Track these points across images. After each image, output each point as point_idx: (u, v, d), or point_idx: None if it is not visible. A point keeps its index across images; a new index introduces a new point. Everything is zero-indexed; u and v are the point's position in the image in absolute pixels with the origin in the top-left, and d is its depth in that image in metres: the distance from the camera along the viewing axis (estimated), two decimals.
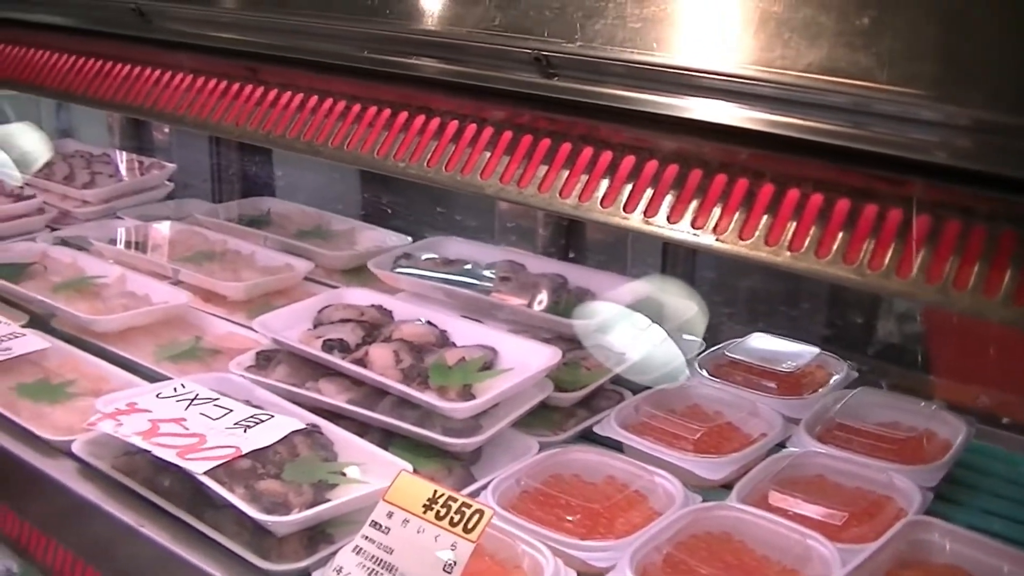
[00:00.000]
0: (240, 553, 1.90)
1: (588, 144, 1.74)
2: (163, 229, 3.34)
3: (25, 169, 3.87)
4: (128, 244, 3.26)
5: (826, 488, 2.14)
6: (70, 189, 3.70)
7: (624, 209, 1.68)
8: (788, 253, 1.53)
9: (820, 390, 2.50)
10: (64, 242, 3.34)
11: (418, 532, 1.79)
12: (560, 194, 1.74)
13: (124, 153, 4.05)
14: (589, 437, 2.34)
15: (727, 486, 2.15)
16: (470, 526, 1.76)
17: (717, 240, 1.58)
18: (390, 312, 2.59)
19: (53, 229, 3.55)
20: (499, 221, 3.20)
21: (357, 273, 3.05)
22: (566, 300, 2.70)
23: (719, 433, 2.32)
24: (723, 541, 1.99)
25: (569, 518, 2.03)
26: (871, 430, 2.31)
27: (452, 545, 1.75)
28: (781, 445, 2.30)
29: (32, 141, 4.12)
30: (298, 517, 1.93)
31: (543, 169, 1.77)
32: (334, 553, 1.88)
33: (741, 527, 2.01)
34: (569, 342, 2.54)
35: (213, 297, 2.93)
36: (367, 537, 1.83)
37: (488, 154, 1.84)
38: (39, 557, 2.26)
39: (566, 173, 1.75)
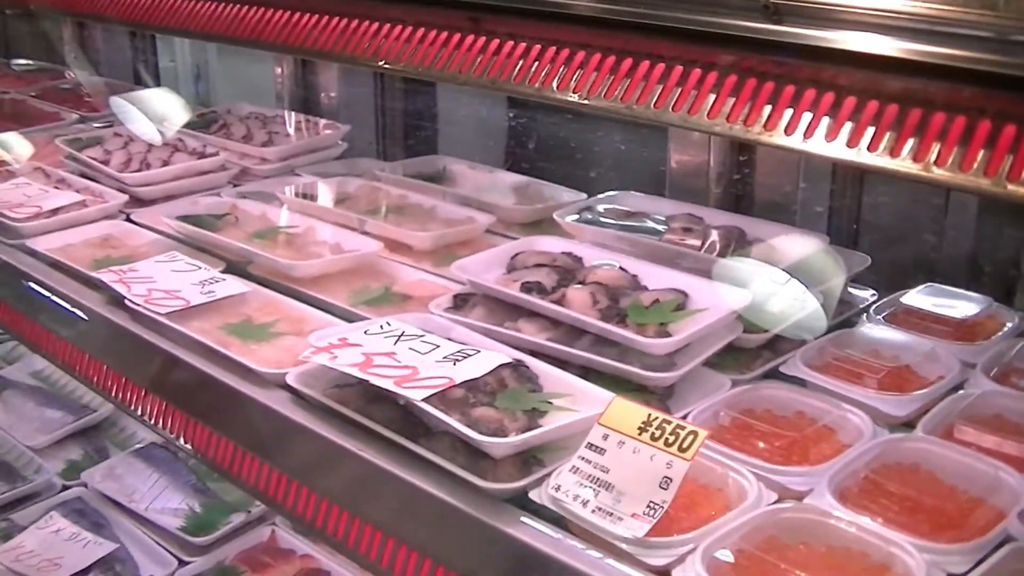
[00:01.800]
0: (460, 474, 1.99)
1: (811, 86, 1.81)
2: (345, 184, 3.46)
3: (200, 129, 4.01)
4: (312, 198, 3.38)
5: (1007, 426, 2.19)
6: (249, 148, 3.84)
7: (848, 144, 1.75)
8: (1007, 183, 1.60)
9: (993, 337, 2.53)
10: (246, 197, 3.46)
11: (634, 452, 1.88)
12: (785, 132, 1.82)
13: (296, 114, 4.18)
14: (775, 377, 2.39)
15: (909, 424, 2.21)
16: (685, 446, 1.85)
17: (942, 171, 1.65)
18: (580, 259, 2.67)
19: (235, 186, 3.68)
20: (670, 179, 3.26)
21: (536, 226, 3.13)
22: (744, 250, 2.77)
23: (899, 375, 2.36)
24: (912, 471, 2.05)
25: (764, 446, 2.10)
26: None
27: (668, 464, 1.84)
28: (958, 388, 2.33)
29: (197, 104, 4.27)
30: (516, 439, 2.02)
31: (768, 109, 1.85)
32: (547, 476, 1.98)
33: (930, 458, 2.07)
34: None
35: (398, 248, 3.03)
36: (583, 458, 1.92)
37: (714, 96, 1.92)
38: (251, 482, 2.37)
39: (790, 112, 1.83)
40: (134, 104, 4.24)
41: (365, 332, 2.35)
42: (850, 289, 2.76)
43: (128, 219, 3.44)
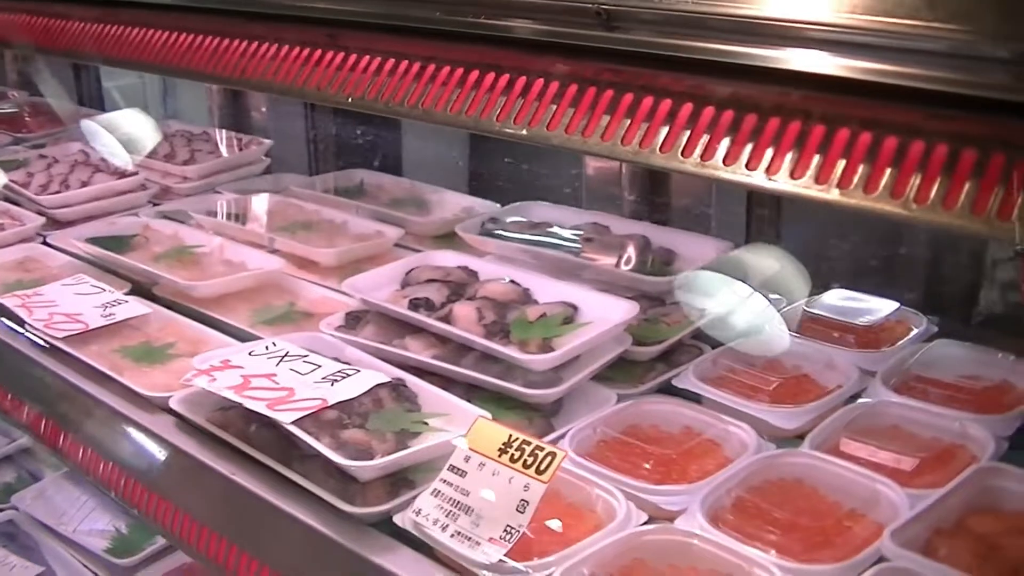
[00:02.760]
0: (326, 498, 1.97)
1: (648, 93, 1.79)
2: (259, 201, 3.45)
3: (130, 150, 3.99)
4: (226, 216, 3.37)
5: (900, 437, 2.16)
6: (170, 166, 3.83)
7: (682, 154, 1.73)
8: (837, 191, 1.58)
9: (898, 343, 2.49)
10: (165, 216, 3.45)
11: (493, 475, 1.86)
12: (622, 142, 1.80)
13: (223, 131, 4.16)
14: (668, 391, 2.37)
15: (802, 436, 2.17)
16: (543, 467, 1.83)
17: (769, 180, 1.63)
18: (475, 273, 2.66)
19: (155, 204, 3.66)
20: (586, 187, 3.24)
21: (447, 239, 3.11)
22: (650, 259, 2.75)
23: (796, 385, 2.34)
24: (794, 487, 2.03)
25: (644, 465, 2.08)
26: (948, 381, 2.31)
27: (525, 486, 1.82)
28: (856, 397, 2.31)
29: (137, 124, 4.24)
30: (379, 462, 2.00)
31: (606, 119, 1.83)
32: (415, 497, 1.95)
33: (812, 473, 2.04)
34: (652, 300, 2.59)
35: (307, 264, 3.02)
36: (445, 480, 1.90)
37: (554, 107, 1.90)
38: (142, 508, 2.35)
39: (627, 122, 1.81)
40: (73, 125, 4.21)
41: (249, 353, 2.33)
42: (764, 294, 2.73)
43: (44, 242, 3.41)
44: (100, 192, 3.62)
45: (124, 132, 4.12)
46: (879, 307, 2.63)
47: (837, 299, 2.69)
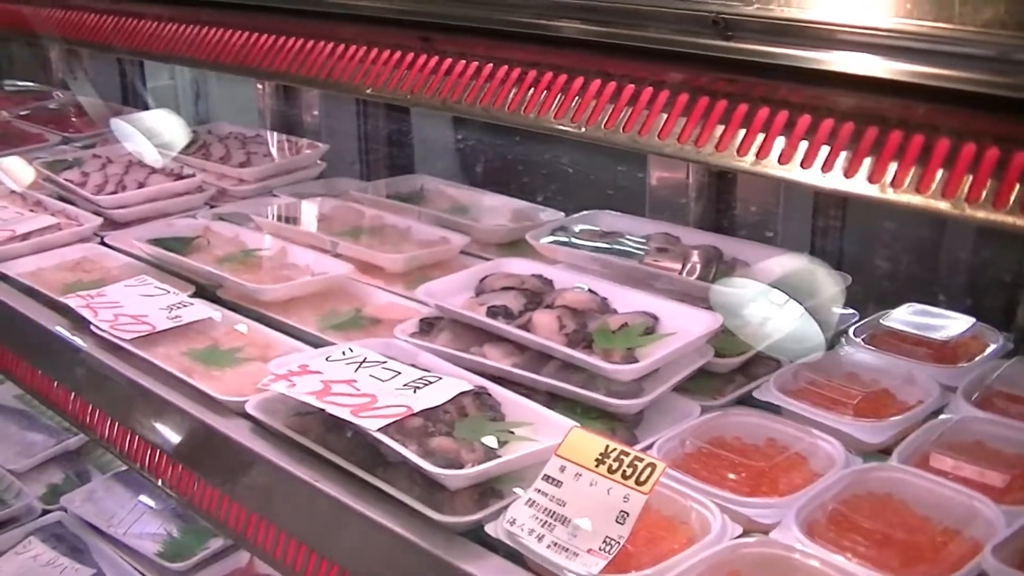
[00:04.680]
0: (416, 507, 1.94)
1: (764, 104, 1.76)
2: (319, 205, 3.42)
3: (184, 151, 3.97)
4: (286, 219, 3.34)
5: (986, 453, 2.12)
6: (227, 168, 3.80)
7: (801, 165, 1.70)
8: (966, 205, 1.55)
9: (976, 359, 2.46)
10: (222, 219, 3.42)
11: (591, 485, 1.83)
12: (737, 152, 1.77)
13: (277, 134, 4.14)
14: (747, 403, 2.34)
15: (885, 451, 2.15)
16: (643, 479, 1.80)
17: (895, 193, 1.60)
18: (550, 281, 2.62)
19: (211, 207, 3.64)
20: (650, 198, 3.21)
21: (511, 247, 3.09)
22: (722, 270, 2.72)
23: (876, 399, 2.31)
24: (885, 501, 2.00)
25: (732, 476, 2.05)
26: None
27: (625, 497, 1.79)
28: (938, 413, 2.27)
29: (182, 124, 4.23)
30: (472, 471, 1.97)
31: (720, 129, 1.80)
32: (504, 508, 1.92)
33: (903, 488, 2.01)
34: (726, 311, 2.56)
35: (371, 270, 2.99)
36: (540, 491, 1.87)
37: (665, 115, 1.87)
38: (213, 513, 2.32)
39: (743, 132, 1.78)
40: (119, 125, 4.18)
41: (327, 359, 2.30)
42: (830, 310, 2.69)
43: (102, 242, 3.39)
44: (158, 193, 3.59)
45: (177, 133, 4.10)
46: (954, 322, 2.60)
47: (911, 314, 2.66)
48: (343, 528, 2.04)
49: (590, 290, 2.55)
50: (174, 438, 2.44)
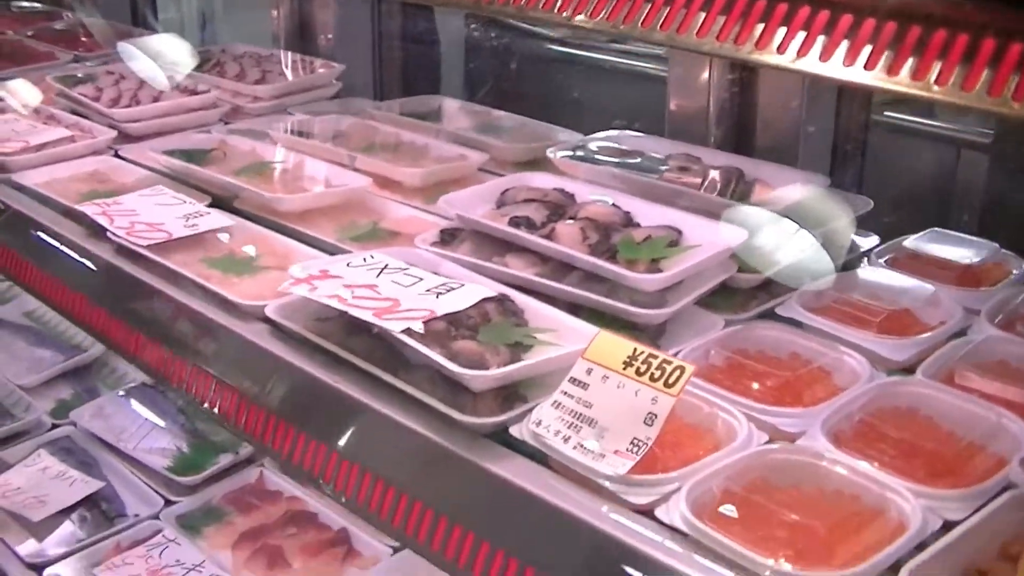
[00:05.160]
0: (438, 408, 1.93)
1: (806, 3, 1.73)
2: (336, 122, 3.40)
3: (198, 69, 3.94)
4: (303, 135, 3.30)
5: (1010, 372, 2.11)
6: (242, 85, 3.77)
7: (844, 63, 1.68)
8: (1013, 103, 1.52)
9: (999, 284, 2.45)
10: (238, 133, 3.39)
11: (618, 387, 1.82)
12: (778, 50, 1.74)
13: (291, 53, 4.10)
14: (770, 319, 2.32)
15: (908, 370, 2.13)
16: (671, 381, 1.78)
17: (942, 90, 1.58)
18: (572, 195, 2.60)
19: (225, 123, 3.61)
20: (669, 123, 3.18)
21: (529, 166, 3.05)
22: (743, 190, 2.69)
23: (899, 319, 2.29)
24: (910, 416, 1.98)
25: (756, 387, 2.03)
26: None
27: (653, 399, 1.78)
28: (960, 334, 2.26)
29: (197, 45, 4.20)
30: (497, 372, 1.96)
31: (760, 27, 1.77)
32: (528, 411, 1.91)
33: (928, 403, 1.99)
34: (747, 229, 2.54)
35: (388, 185, 2.96)
36: (566, 392, 1.86)
37: (704, 14, 1.84)
38: (231, 418, 2.30)
39: (783, 30, 1.75)
40: (131, 45, 4.14)
41: (347, 264, 2.28)
42: (852, 233, 2.68)
43: (116, 155, 3.37)
44: (172, 108, 3.57)
45: (190, 51, 4.07)
46: (977, 247, 2.58)
47: (933, 238, 2.64)
48: (366, 430, 2.03)
49: (613, 204, 2.52)
50: (192, 343, 2.42)
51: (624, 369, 1.82)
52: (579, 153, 2.92)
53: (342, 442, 2.07)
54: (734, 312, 2.33)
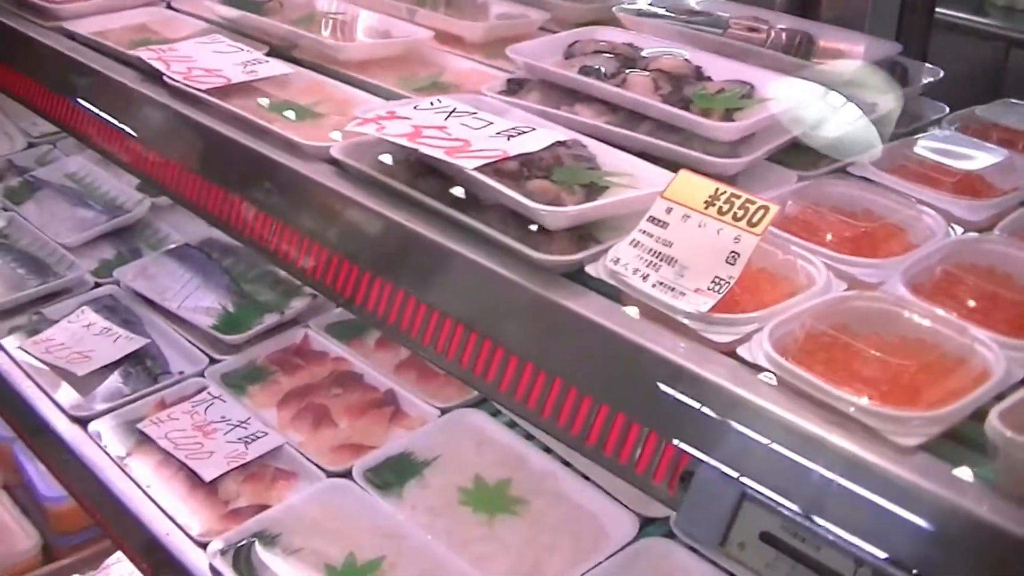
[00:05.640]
0: (513, 247, 1.89)
1: None
2: None
3: None
4: None
5: None
6: None
7: None
8: None
9: None
10: None
11: (699, 226, 1.78)
12: None
13: None
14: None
15: (981, 231, 2.09)
16: (754, 220, 1.75)
17: None
18: (640, 49, 2.54)
19: None
20: None
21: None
22: (810, 52, 2.64)
23: (973, 182, 2.25)
24: (988, 272, 1.94)
25: (831, 239, 1.99)
26: None
27: (736, 238, 1.74)
28: None
29: None
30: (574, 210, 1.92)
31: None
32: (604, 251, 1.87)
33: (1007, 261, 1.95)
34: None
35: (448, 40, 2.91)
36: (644, 231, 1.82)
37: None
38: (290, 259, 2.28)
39: None
40: None
41: (414, 107, 2.24)
42: (921, 102, 2.63)
43: (169, 6, 3.33)
44: None
45: None
46: None
47: (1004, 108, 2.59)
48: (437, 269, 2.00)
49: (684, 58, 2.47)
50: (254, 185, 2.39)
51: (706, 208, 1.79)
52: (646, 11, 2.86)
53: (411, 282, 2.04)
54: (804, 168, 2.29)
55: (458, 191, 2.07)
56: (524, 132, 2.12)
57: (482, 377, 1.91)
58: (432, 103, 2.26)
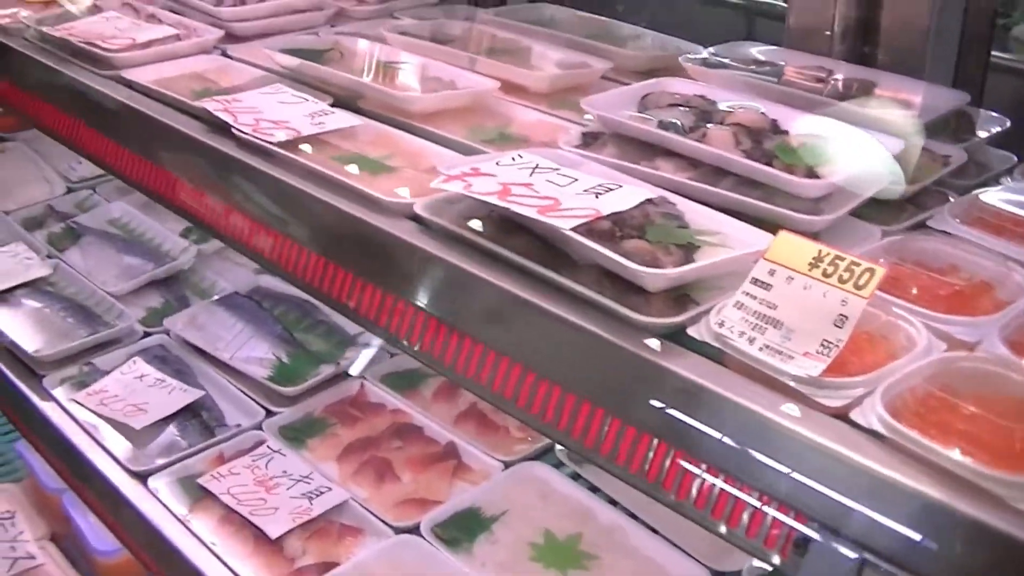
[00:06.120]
0: (613, 308, 1.88)
1: None
2: (449, 26, 3.33)
3: None
4: (418, 37, 3.24)
5: None
6: None
7: None
8: None
9: None
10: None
11: (804, 289, 1.77)
12: None
13: None
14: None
15: None
16: (861, 283, 1.74)
17: None
18: (714, 102, 2.53)
19: (331, 27, 3.55)
20: (788, 34, 3.10)
21: (652, 75, 2.96)
22: (881, 103, 2.63)
23: None
24: None
25: (920, 295, 1.98)
26: None
27: (843, 301, 1.73)
28: None
29: None
30: (674, 272, 1.91)
31: None
32: (703, 313, 1.86)
33: None
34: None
35: (511, 90, 2.89)
36: (748, 294, 1.81)
37: None
38: (372, 317, 2.26)
39: None
40: None
41: (497, 163, 2.23)
42: (987, 150, 2.63)
43: (224, 54, 3.31)
44: (280, 8, 3.50)
45: None
46: None
47: None
48: (530, 329, 1.98)
49: (761, 111, 2.46)
50: (333, 242, 2.37)
51: (810, 270, 1.78)
52: (709, 63, 2.86)
53: (502, 341, 2.03)
54: (885, 223, 2.27)
55: (545, 250, 2.05)
56: (611, 189, 2.11)
57: (581, 439, 1.90)
58: (514, 158, 2.25)
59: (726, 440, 1.71)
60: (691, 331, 1.85)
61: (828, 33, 2.99)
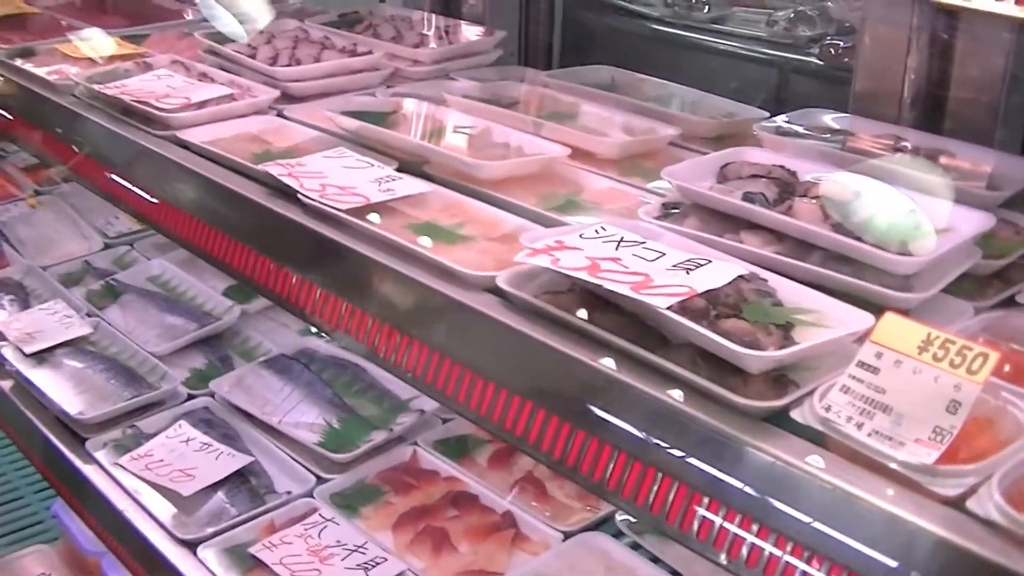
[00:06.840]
0: (714, 390, 1.83)
1: None
2: (510, 88, 3.30)
3: (348, 29, 3.85)
4: (480, 100, 3.19)
5: None
6: (401, 48, 3.65)
7: None
8: None
9: None
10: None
11: (914, 373, 1.71)
12: None
13: (444, 18, 3.99)
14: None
15: None
16: (974, 368, 1.68)
17: None
18: (794, 172, 2.48)
19: (388, 87, 3.51)
20: (854, 99, 3.06)
21: (719, 141, 2.94)
22: (957, 173, 2.58)
23: None
24: None
25: (1008, 369, 1.92)
26: None
27: (956, 386, 1.67)
28: None
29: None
30: (777, 354, 1.85)
31: None
32: (805, 395, 1.81)
33: None
34: None
35: (577, 156, 2.84)
36: (855, 377, 1.76)
37: None
38: (460, 400, 2.20)
39: None
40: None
41: (581, 236, 2.18)
42: None
43: (280, 115, 3.26)
44: (337, 68, 3.47)
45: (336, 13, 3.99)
46: None
47: None
48: (623, 411, 1.92)
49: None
50: (408, 315, 2.32)
51: (919, 354, 1.72)
52: (783, 130, 2.81)
53: (592, 423, 1.97)
54: (972, 298, 2.22)
55: (636, 327, 2.00)
56: (701, 264, 2.06)
57: (677, 525, 1.84)
58: (597, 231, 2.20)
59: (841, 531, 1.66)
60: (794, 414, 1.79)
61: (896, 99, 2.95)
